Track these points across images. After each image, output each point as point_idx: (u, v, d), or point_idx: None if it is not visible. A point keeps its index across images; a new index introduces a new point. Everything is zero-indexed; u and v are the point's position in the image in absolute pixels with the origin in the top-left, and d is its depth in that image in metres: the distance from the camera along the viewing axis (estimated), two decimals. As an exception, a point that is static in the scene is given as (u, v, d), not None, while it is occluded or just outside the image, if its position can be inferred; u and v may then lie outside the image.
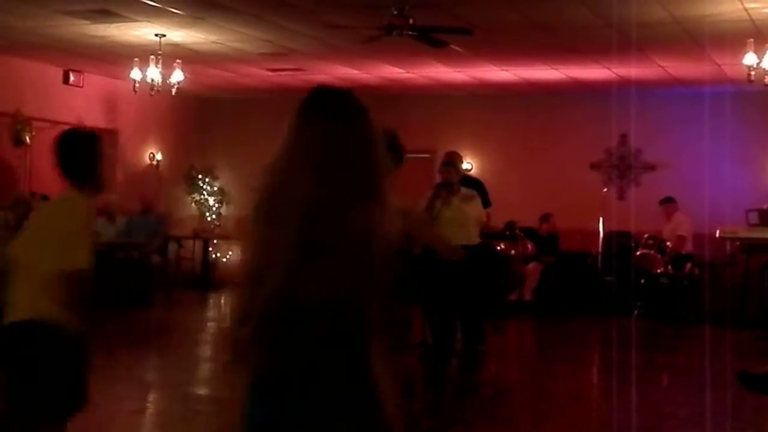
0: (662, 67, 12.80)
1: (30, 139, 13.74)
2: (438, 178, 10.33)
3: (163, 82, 12.18)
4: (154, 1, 9.91)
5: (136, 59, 12.06)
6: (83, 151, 4.49)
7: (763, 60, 9.77)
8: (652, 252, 13.63)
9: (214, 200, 17.33)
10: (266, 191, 2.65)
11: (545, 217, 14.76)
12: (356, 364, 2.46)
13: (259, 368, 2.45)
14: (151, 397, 8.13)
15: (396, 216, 2.66)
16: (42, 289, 4.18)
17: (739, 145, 14.01)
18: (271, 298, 2.44)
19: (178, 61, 12.22)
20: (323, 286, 2.44)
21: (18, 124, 13.55)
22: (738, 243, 13.19)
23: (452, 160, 10.39)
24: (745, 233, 12.98)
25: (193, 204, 17.33)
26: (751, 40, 9.82)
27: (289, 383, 2.39)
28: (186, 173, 17.17)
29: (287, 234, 2.46)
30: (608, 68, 12.96)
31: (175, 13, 10.41)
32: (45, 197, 13.23)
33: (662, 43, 11.34)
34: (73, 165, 4.44)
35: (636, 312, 13.10)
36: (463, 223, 9.72)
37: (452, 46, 10.93)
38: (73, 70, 14.48)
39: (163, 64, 12.00)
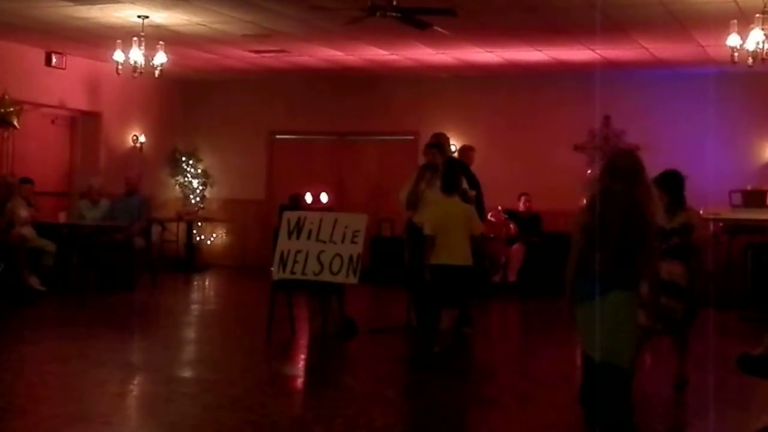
0: (646, 48, 12.81)
1: (18, 122, 13.67)
2: (422, 160, 10.34)
3: (146, 64, 12.12)
4: (137, -18, 9.86)
5: (118, 41, 12.00)
6: (454, 171, 9.30)
7: (747, 41, 9.77)
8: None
9: (198, 182, 17.30)
10: (595, 194, 5.54)
11: (523, 195, 14.92)
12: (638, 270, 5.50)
13: (595, 270, 5.34)
14: (135, 379, 8.12)
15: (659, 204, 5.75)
16: (466, 243, 8.84)
17: (722, 126, 14.05)
18: (609, 241, 5.35)
19: (161, 42, 12.16)
20: (635, 233, 5.38)
21: (1, 107, 13.46)
22: (721, 224, 13.23)
23: (437, 142, 10.40)
24: (728, 214, 13.03)
25: (176, 186, 17.30)
26: (735, 21, 9.82)
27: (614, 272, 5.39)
28: (169, 155, 17.14)
29: (617, 214, 5.41)
30: (592, 49, 12.97)
31: (158, -6, 10.37)
32: (26, 180, 13.18)
33: (646, 25, 11.35)
34: (449, 182, 9.04)
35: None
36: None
37: (436, 27, 10.89)
38: (56, 52, 14.39)
39: (146, 45, 11.94)
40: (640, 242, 5.38)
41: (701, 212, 10.28)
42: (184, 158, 17.19)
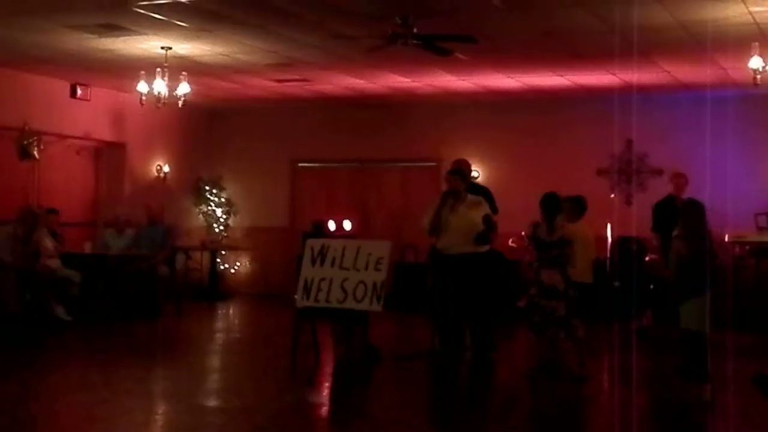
0: (667, 71, 12.80)
1: (38, 153, 13.80)
2: (444, 186, 10.36)
3: (169, 94, 12.20)
4: (160, 15, 9.94)
5: (142, 72, 12.09)
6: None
7: (769, 63, 9.77)
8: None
9: (222, 211, 17.37)
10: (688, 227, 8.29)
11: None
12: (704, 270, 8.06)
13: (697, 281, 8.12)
14: (160, 408, 8.14)
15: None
16: (588, 264, 9.75)
17: (745, 148, 14.01)
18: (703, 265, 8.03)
19: (184, 73, 12.25)
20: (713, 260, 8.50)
21: (24, 138, 13.59)
22: (747, 247, 13.16)
23: (459, 168, 10.42)
24: (754, 237, 12.96)
25: (200, 215, 17.37)
26: (756, 43, 9.83)
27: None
28: (193, 185, 17.23)
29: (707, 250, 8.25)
30: (613, 73, 12.97)
31: (181, 25, 10.45)
32: (53, 211, 13.30)
33: (667, 48, 11.35)
34: (575, 209, 10.12)
35: (645, 317, 13.06)
36: (470, 231, 9.75)
37: (457, 54, 10.94)
38: (80, 84, 14.53)
39: (169, 76, 12.03)
40: (713, 265, 8.41)
41: (726, 237, 10.53)
42: (207, 187, 17.27)
